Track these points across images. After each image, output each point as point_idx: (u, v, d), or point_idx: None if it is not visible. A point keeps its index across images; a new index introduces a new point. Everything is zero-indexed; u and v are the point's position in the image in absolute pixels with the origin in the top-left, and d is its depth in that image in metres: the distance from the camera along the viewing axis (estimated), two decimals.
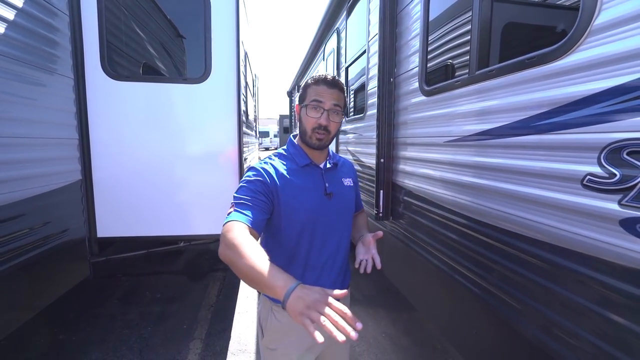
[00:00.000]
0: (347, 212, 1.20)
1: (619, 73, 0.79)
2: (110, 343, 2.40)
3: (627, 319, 0.78)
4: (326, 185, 1.12)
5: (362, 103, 2.73)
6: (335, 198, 1.13)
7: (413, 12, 1.88)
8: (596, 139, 0.83)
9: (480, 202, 1.30)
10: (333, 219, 1.12)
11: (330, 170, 1.17)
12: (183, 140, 2.51)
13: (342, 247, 1.17)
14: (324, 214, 1.09)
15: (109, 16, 2.32)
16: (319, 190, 1.10)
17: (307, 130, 1.08)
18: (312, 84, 1.08)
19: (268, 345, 1.13)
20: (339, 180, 1.18)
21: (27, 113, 1.84)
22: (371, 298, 3.17)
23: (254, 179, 1.03)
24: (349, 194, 1.20)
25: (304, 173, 1.10)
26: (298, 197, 1.06)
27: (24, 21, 1.81)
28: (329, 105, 1.05)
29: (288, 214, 1.05)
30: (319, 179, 1.12)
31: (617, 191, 0.78)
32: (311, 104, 1.05)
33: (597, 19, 0.84)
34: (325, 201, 1.10)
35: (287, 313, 0.77)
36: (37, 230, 1.89)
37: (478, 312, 1.36)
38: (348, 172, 1.25)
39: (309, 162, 1.12)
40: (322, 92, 1.05)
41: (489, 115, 1.24)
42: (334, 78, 1.08)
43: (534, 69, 1.03)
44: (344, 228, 1.18)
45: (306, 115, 1.07)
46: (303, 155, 1.12)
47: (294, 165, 1.11)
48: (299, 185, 1.07)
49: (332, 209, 1.11)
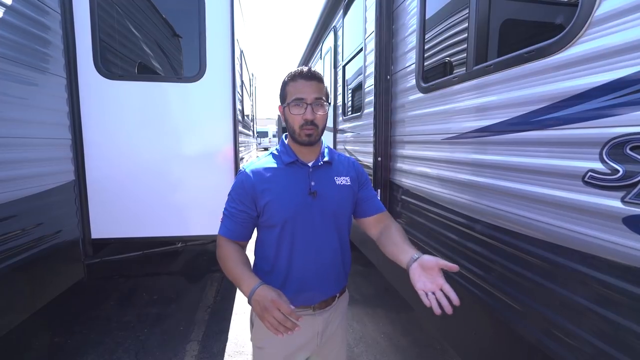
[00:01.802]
0: (335, 212, 1.11)
1: (621, 65, 0.76)
2: (107, 345, 2.38)
3: (629, 319, 0.76)
4: (311, 183, 1.08)
5: (359, 101, 2.70)
6: (321, 198, 1.08)
7: (410, 9, 1.85)
8: (598, 134, 0.81)
9: (478, 200, 1.28)
10: (316, 221, 1.07)
11: (320, 167, 1.11)
12: (178, 140, 2.48)
13: (330, 251, 1.11)
14: (305, 215, 1.06)
15: (101, 14, 2.29)
16: (302, 189, 1.07)
17: (295, 128, 1.05)
18: (290, 81, 1.06)
19: (256, 343, 1.14)
20: (329, 179, 1.12)
21: (18, 113, 1.81)
22: (370, 298, 3.15)
23: (237, 189, 1.08)
24: (341, 194, 1.12)
25: (287, 172, 1.08)
26: (276, 200, 1.05)
27: (14, 19, 1.78)
28: (310, 99, 1.02)
29: (267, 219, 1.07)
30: (304, 177, 1.09)
31: (620, 188, 0.76)
32: (293, 102, 1.03)
33: (598, 10, 0.81)
34: (307, 201, 1.06)
35: None
36: (30, 232, 1.86)
37: (477, 312, 1.33)
38: (346, 169, 1.16)
39: (295, 160, 1.09)
40: (301, 87, 1.03)
41: (487, 112, 1.22)
42: (309, 70, 1.06)
43: (533, 63, 1.00)
44: (332, 230, 1.11)
45: (290, 114, 1.05)
46: (290, 153, 1.10)
47: (280, 164, 1.09)
48: (278, 186, 1.06)
49: (316, 209, 1.07)
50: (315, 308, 1.12)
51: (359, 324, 2.70)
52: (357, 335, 2.55)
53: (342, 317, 1.25)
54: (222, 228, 1.10)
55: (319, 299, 1.12)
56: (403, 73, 1.94)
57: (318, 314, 1.13)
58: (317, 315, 1.13)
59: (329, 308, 1.15)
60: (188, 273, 3.75)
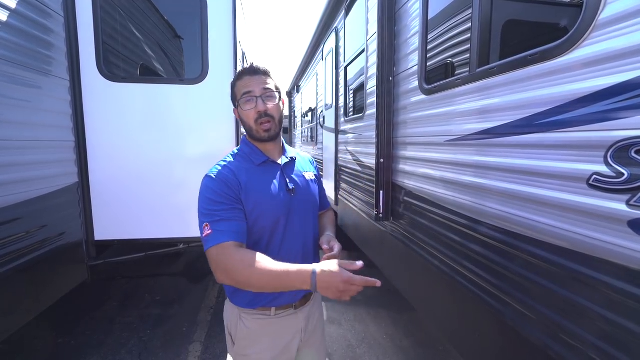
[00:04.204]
0: (313, 207, 1.16)
1: (625, 69, 0.76)
2: (110, 346, 2.38)
3: (636, 323, 0.76)
4: (287, 181, 1.08)
5: (361, 103, 2.70)
6: (299, 194, 1.09)
7: (412, 10, 1.85)
8: (602, 137, 0.81)
9: (481, 202, 1.28)
10: (300, 216, 1.08)
11: (290, 164, 1.13)
12: (180, 142, 2.49)
13: (313, 242, 1.15)
14: (286, 214, 1.05)
15: (104, 17, 2.30)
16: (281, 187, 1.06)
17: (251, 125, 1.04)
18: (237, 81, 1.06)
19: (240, 352, 1.10)
20: (300, 175, 1.14)
21: (22, 115, 1.81)
22: (372, 299, 3.15)
23: (219, 188, 0.97)
24: (313, 189, 1.17)
25: (262, 172, 1.06)
26: (264, 200, 1.01)
27: (17, 22, 1.79)
28: (259, 91, 1.02)
29: (254, 220, 1.01)
30: (279, 175, 1.08)
31: (625, 191, 0.76)
32: (243, 99, 1.03)
33: (603, 13, 0.81)
34: (287, 199, 1.06)
35: (255, 319, 1.05)
36: (34, 234, 1.87)
37: (481, 314, 1.33)
38: (308, 166, 1.21)
39: (266, 159, 1.08)
40: (248, 83, 1.03)
41: (490, 114, 1.21)
42: (253, 65, 1.05)
43: (537, 66, 1.00)
44: (311, 223, 1.14)
45: (243, 111, 1.04)
46: (258, 152, 1.08)
47: (251, 165, 1.06)
48: (261, 187, 1.03)
49: (296, 207, 1.07)
50: (296, 306, 1.12)
51: (362, 325, 2.70)
52: (359, 336, 2.55)
53: (320, 308, 1.27)
54: (218, 235, 0.91)
55: (301, 294, 1.12)
56: (405, 75, 1.94)
57: (299, 311, 1.13)
58: (299, 312, 1.13)
59: (308, 304, 1.16)
60: (190, 274, 3.75)
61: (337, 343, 2.47)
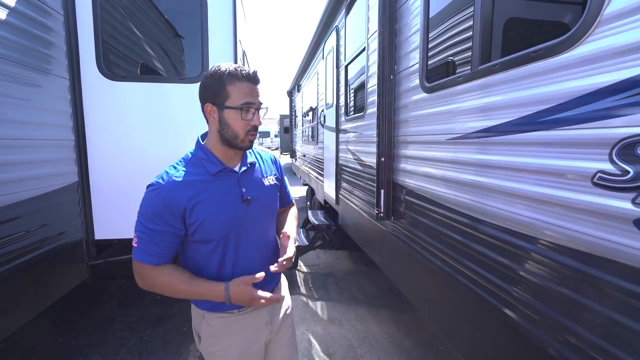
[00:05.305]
0: (270, 213, 1.16)
1: (631, 65, 0.75)
2: (110, 346, 2.38)
3: (634, 319, 0.74)
4: (243, 190, 1.04)
5: (362, 101, 2.69)
6: (254, 204, 1.06)
7: (413, 8, 1.84)
8: (607, 135, 0.79)
9: (483, 201, 1.26)
10: (254, 224, 1.07)
11: (247, 171, 1.08)
12: (181, 140, 2.48)
13: (270, 245, 1.14)
14: (243, 223, 1.03)
15: (104, 15, 2.29)
16: (235, 198, 1.03)
17: (239, 133, 0.99)
18: (235, 80, 0.96)
19: (207, 349, 1.11)
20: (258, 182, 1.11)
21: (22, 114, 1.81)
22: (373, 298, 3.14)
23: (158, 207, 0.95)
24: (271, 195, 1.15)
25: (216, 183, 1.00)
26: (212, 216, 0.97)
27: (16, 21, 1.78)
28: (258, 104, 1.00)
29: (203, 235, 0.99)
30: (234, 185, 1.04)
31: (631, 189, 0.74)
32: (243, 107, 0.96)
33: (607, 8, 0.80)
34: (241, 210, 1.03)
35: (218, 318, 1.07)
36: (34, 233, 1.87)
37: (482, 314, 1.32)
38: (270, 169, 1.18)
39: (222, 168, 1.02)
40: (251, 91, 0.97)
41: (492, 112, 1.20)
42: (255, 73, 0.99)
43: (540, 62, 0.99)
44: (268, 227, 1.14)
45: (238, 119, 0.97)
46: (215, 160, 1.01)
47: (204, 175, 1.00)
48: (211, 201, 0.98)
49: (251, 216, 1.05)
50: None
51: (363, 325, 2.69)
52: (360, 336, 2.54)
53: (288, 300, 1.28)
54: (142, 254, 0.95)
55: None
56: (406, 73, 1.92)
57: (263, 307, 1.11)
58: (262, 308, 1.11)
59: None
60: None
61: (338, 343, 2.46)
